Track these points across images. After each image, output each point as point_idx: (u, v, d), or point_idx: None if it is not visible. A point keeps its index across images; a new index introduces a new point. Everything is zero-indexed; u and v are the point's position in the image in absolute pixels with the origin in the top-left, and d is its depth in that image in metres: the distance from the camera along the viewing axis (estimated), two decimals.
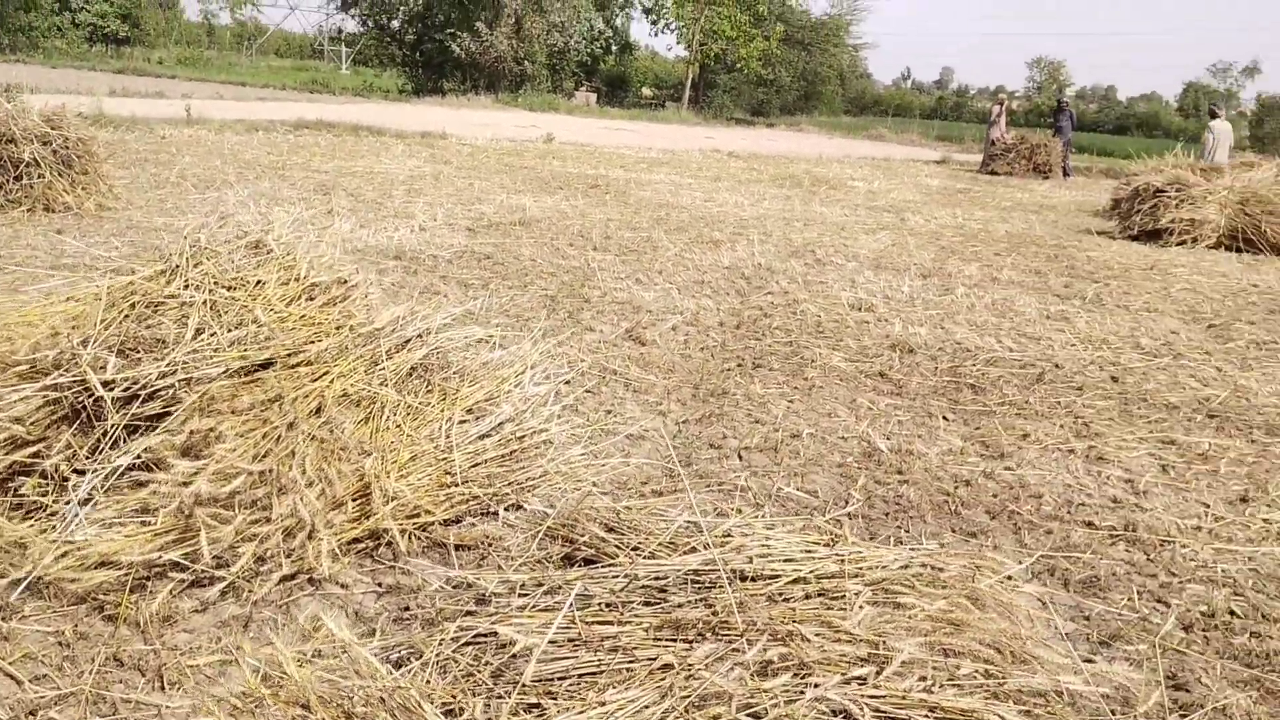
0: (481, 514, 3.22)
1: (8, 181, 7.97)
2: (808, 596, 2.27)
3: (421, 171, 12.97)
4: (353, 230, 8.25)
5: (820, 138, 33.98)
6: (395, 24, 38.81)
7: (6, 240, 6.84)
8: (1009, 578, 2.82)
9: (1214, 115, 18.14)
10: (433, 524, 3.09)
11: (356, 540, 2.96)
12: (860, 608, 2.23)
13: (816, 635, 2.10)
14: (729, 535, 2.56)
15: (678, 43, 45.12)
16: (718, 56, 43.15)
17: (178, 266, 3.40)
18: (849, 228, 11.11)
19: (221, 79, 34.23)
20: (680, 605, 2.25)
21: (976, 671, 2.16)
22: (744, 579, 2.33)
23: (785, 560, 2.42)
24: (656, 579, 2.37)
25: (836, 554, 2.46)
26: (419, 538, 3.04)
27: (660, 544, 2.57)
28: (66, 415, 3.00)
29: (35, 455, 2.97)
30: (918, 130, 39.03)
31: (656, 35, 71.44)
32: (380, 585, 2.82)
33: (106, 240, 7.13)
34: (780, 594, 2.27)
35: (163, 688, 2.30)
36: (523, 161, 15.60)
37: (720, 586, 2.25)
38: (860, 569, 2.41)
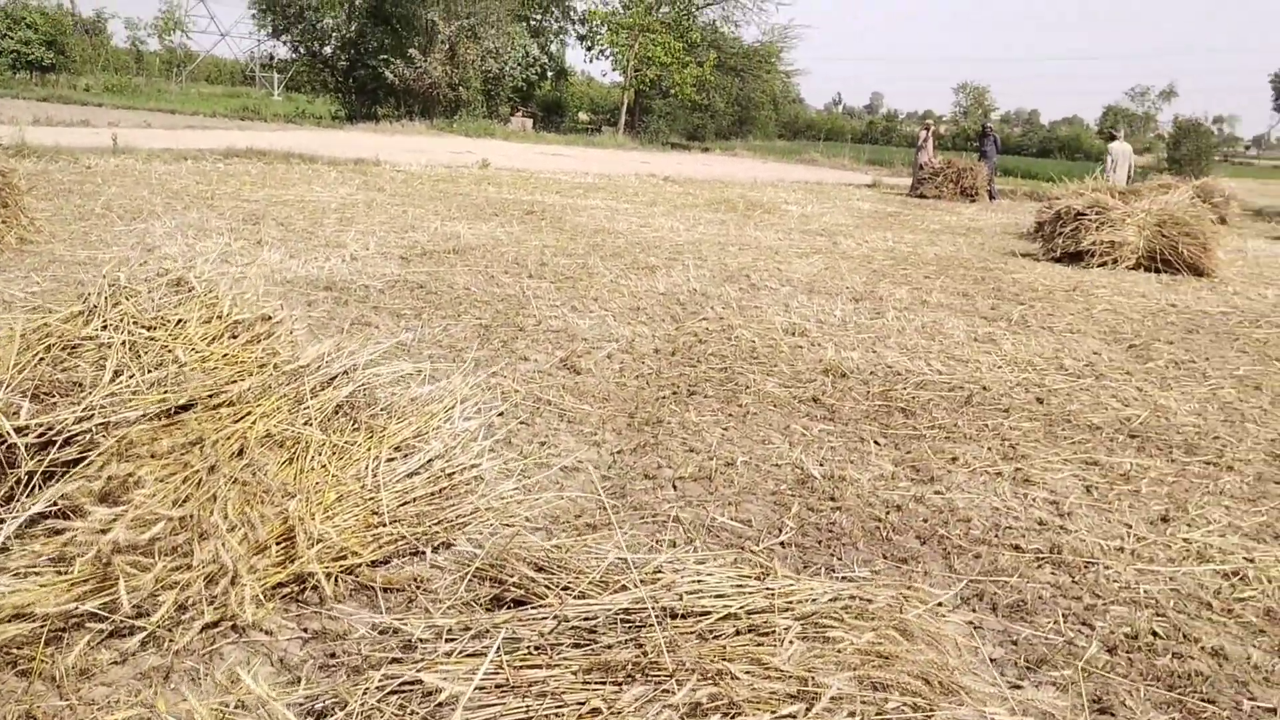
0: (410, 554, 3.17)
1: None
2: (738, 633, 2.27)
3: (354, 199, 12.85)
4: (282, 261, 8.13)
5: (754, 162, 34.41)
6: (327, 50, 38.53)
7: None
8: (939, 604, 2.85)
9: (1112, 138, 20.51)
10: (360, 566, 3.04)
11: (281, 584, 2.89)
12: (790, 643, 2.24)
13: (746, 673, 2.10)
14: (660, 571, 2.56)
15: (613, 69, 45.39)
16: (653, 82, 43.53)
17: (95, 306, 3.32)
18: (783, 252, 11.24)
19: (150, 106, 33.63)
20: (610, 646, 2.24)
21: (905, 705, 2.17)
22: (674, 616, 2.32)
23: (716, 596, 2.42)
24: (586, 619, 2.36)
25: (767, 588, 2.46)
26: (346, 580, 2.98)
27: (591, 583, 2.55)
28: None
29: None
30: (849, 154, 39.75)
31: (592, 61, 71.74)
32: (306, 631, 2.76)
33: (27, 276, 6.93)
34: (711, 631, 2.27)
35: None
36: (457, 188, 15.54)
37: (650, 625, 2.24)
38: (790, 603, 2.42)
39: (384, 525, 3.11)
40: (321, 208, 11.71)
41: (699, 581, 2.50)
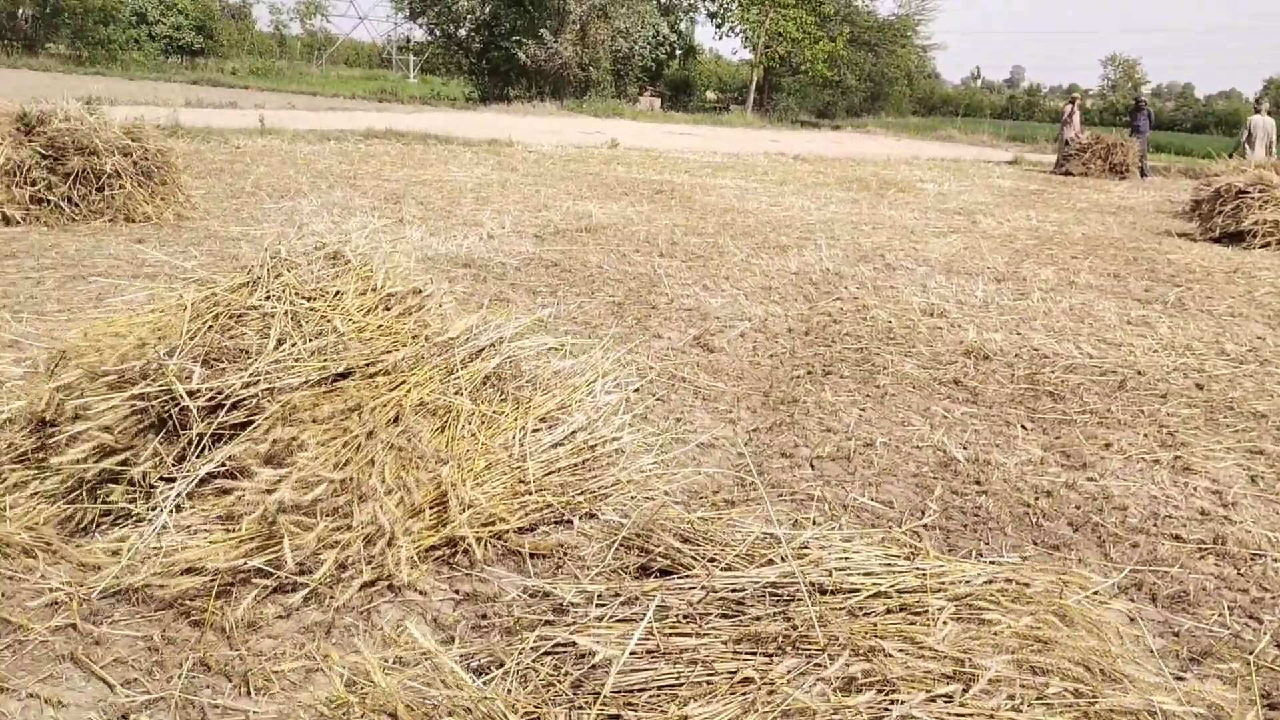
0: (555, 522, 3.23)
1: (90, 193, 8.19)
2: (889, 611, 2.24)
3: (489, 179, 13.11)
4: (422, 239, 8.35)
5: (887, 139, 33.62)
6: (462, 32, 39.31)
7: (89, 250, 7.05)
8: (1095, 593, 2.75)
9: (1256, 110, 18.93)
10: (508, 532, 3.11)
11: (434, 548, 2.98)
12: (944, 624, 2.19)
13: (899, 651, 2.07)
14: (806, 547, 2.54)
15: (743, 46, 45.01)
16: (783, 59, 42.94)
17: (259, 278, 3.47)
18: (919, 231, 10.96)
19: (293, 88, 34.95)
20: (759, 618, 2.23)
21: (1066, 690, 2.10)
22: (823, 592, 2.30)
23: (865, 574, 2.38)
24: (734, 591, 2.36)
25: (917, 568, 2.42)
26: (494, 545, 3.06)
27: (737, 555, 2.55)
28: (153, 424, 3.08)
29: (123, 463, 3.04)
30: (988, 130, 38.36)
31: (721, 39, 71.44)
32: (457, 593, 2.85)
33: (185, 250, 7.31)
34: (861, 608, 2.24)
35: (249, 693, 2.34)
36: (588, 168, 15.68)
37: (799, 600, 2.22)
38: (942, 584, 2.37)
39: (530, 493, 3.18)
40: (458, 187, 11.98)
41: (846, 559, 2.47)
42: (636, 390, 4.71)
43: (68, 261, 6.64)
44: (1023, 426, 4.61)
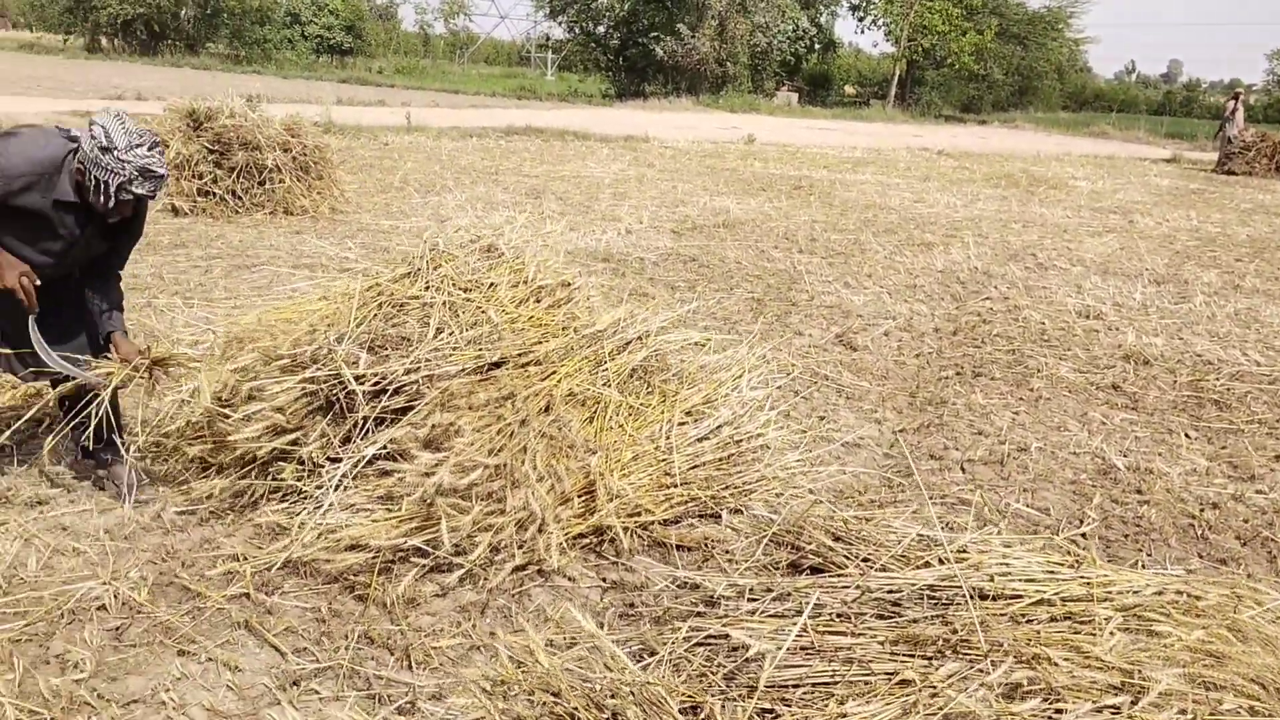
0: (700, 516, 3.24)
1: (252, 186, 8.61)
2: (1053, 619, 2.17)
3: (626, 174, 13.22)
4: (562, 233, 8.48)
5: (1037, 135, 32.42)
6: (600, 29, 39.71)
7: (252, 241, 7.42)
8: (1270, 609, 2.60)
9: None
10: (653, 523, 3.14)
11: (581, 535, 3.04)
12: (1111, 634, 2.11)
13: (1065, 660, 2.00)
14: (964, 551, 2.48)
15: (885, 38, 44.00)
16: (927, 52, 41.84)
17: (420, 269, 3.59)
18: (1072, 230, 10.55)
19: (436, 86, 35.92)
20: (916, 620, 2.19)
21: (1241, 708, 2.00)
22: (983, 597, 2.25)
23: (1027, 580, 2.31)
24: (890, 592, 2.32)
25: (1082, 576, 2.33)
26: (640, 536, 3.09)
27: (892, 556, 2.51)
28: (321, 406, 3.22)
29: (293, 443, 3.20)
30: (1144, 127, 36.54)
31: (862, 32, 69.90)
32: (604, 580, 2.89)
33: (341, 242, 7.62)
34: (1023, 615, 2.17)
35: (410, 667, 2.43)
36: (724, 163, 15.64)
37: (959, 603, 2.18)
38: (1109, 593, 2.28)
39: (676, 486, 3.20)
40: (596, 183, 12.13)
41: (1007, 564, 2.40)
42: (779, 387, 4.69)
43: (232, 251, 7.00)
44: (1186, 435, 4.39)
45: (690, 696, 1.99)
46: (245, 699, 2.32)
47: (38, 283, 2.88)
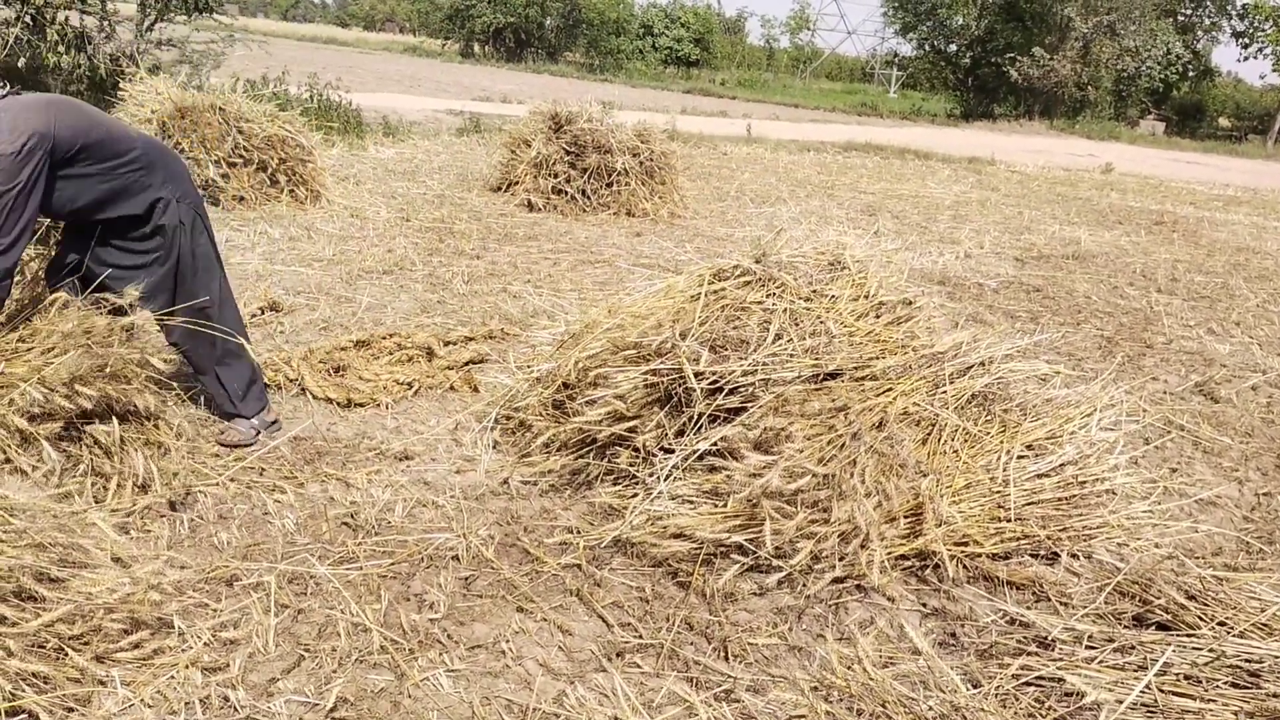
0: (1033, 555, 3.08)
1: (600, 187, 9.14)
2: None
3: (967, 197, 12.75)
4: (896, 252, 8.32)
5: None
6: (952, 47, 38.53)
7: (596, 238, 7.87)
8: None
9: None
10: (981, 555, 3.02)
11: (904, 557, 2.98)
12: None
13: None
14: None
15: (1272, 70, 39.41)
16: None
17: (762, 277, 3.67)
18: None
19: (776, 100, 36.38)
20: (1276, 695, 1.97)
21: None
22: None
23: None
24: (1248, 660, 2.10)
25: None
26: (966, 566, 2.99)
27: (1253, 624, 2.27)
28: (660, 398, 3.38)
29: (631, 430, 3.38)
30: None
31: (1244, 60, 63.07)
32: (925, 605, 2.82)
33: (679, 245, 7.92)
34: None
35: (727, 658, 2.50)
36: (1077, 191, 14.69)
37: None
38: None
39: (1009, 520, 3.06)
40: (935, 204, 11.79)
41: None
42: (1127, 433, 4.36)
43: (578, 246, 7.47)
44: None
45: None
46: (574, 661, 2.49)
47: None
